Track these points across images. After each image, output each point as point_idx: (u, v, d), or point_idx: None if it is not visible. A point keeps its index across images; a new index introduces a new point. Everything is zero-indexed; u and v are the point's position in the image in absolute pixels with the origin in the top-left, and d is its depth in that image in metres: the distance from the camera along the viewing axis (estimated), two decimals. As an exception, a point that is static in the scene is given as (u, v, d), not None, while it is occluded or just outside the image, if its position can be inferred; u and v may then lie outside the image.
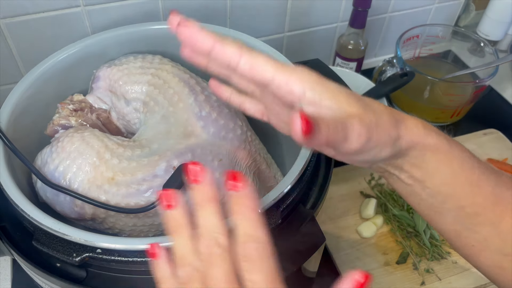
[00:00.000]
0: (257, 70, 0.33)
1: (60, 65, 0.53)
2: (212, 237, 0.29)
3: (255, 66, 0.33)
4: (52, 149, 0.46)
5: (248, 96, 0.40)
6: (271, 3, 0.77)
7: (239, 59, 0.33)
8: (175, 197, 0.31)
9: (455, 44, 0.95)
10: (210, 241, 0.29)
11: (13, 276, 0.64)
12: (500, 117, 0.93)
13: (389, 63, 0.84)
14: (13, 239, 0.42)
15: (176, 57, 0.58)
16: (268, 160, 0.55)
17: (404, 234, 0.70)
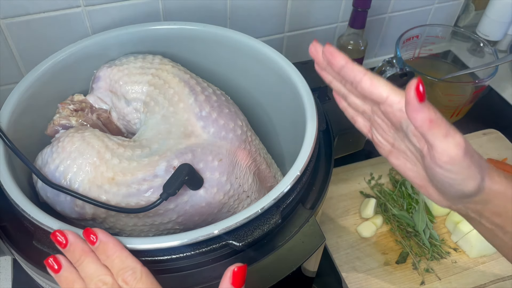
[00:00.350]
0: (376, 86, 0.38)
1: (60, 65, 0.53)
2: (97, 280, 0.35)
3: (375, 83, 0.38)
4: (52, 149, 0.46)
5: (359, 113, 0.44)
6: (271, 3, 0.77)
7: (363, 76, 0.39)
8: (58, 262, 0.37)
9: (454, 44, 0.95)
10: (97, 283, 0.35)
11: (14, 276, 0.64)
12: (499, 117, 0.93)
13: (389, 63, 0.84)
14: (14, 239, 0.42)
15: (177, 57, 0.58)
16: (268, 160, 0.55)
17: (404, 234, 0.71)
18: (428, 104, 0.34)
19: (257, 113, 0.61)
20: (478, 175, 0.37)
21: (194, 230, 0.38)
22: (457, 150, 0.35)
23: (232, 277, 0.34)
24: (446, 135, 0.35)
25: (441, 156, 0.36)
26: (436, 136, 0.35)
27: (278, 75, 0.54)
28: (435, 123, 0.34)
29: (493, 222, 0.41)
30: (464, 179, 0.37)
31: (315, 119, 0.47)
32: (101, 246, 0.36)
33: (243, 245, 0.39)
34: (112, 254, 0.36)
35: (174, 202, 0.45)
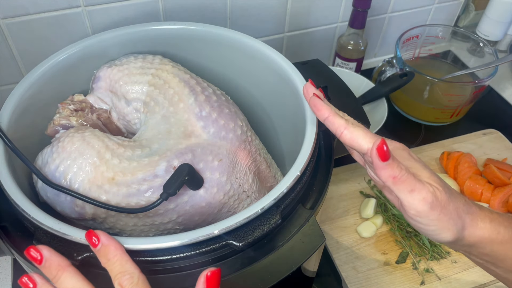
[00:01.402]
0: (355, 140, 0.40)
1: (60, 65, 0.53)
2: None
3: (354, 137, 0.40)
4: (52, 149, 0.46)
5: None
6: (271, 3, 0.77)
7: (344, 130, 0.40)
8: (32, 280, 0.35)
9: (454, 44, 0.95)
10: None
11: (14, 276, 0.64)
12: (499, 117, 0.93)
13: (389, 63, 0.84)
14: (14, 239, 0.42)
15: (177, 57, 0.58)
16: (268, 160, 0.55)
17: (404, 234, 0.71)
18: (392, 162, 0.37)
19: (257, 113, 0.61)
20: (453, 227, 0.39)
21: (194, 230, 0.38)
22: (422, 205, 0.38)
23: (206, 282, 0.34)
24: (411, 190, 0.38)
25: (408, 210, 0.39)
26: (401, 191, 0.38)
27: (278, 75, 0.54)
28: (399, 179, 0.37)
29: (483, 259, 0.43)
30: (436, 230, 0.39)
31: (315, 119, 0.47)
32: (102, 249, 0.36)
33: (243, 245, 0.39)
34: (112, 257, 0.36)
35: (174, 202, 0.45)
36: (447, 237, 0.39)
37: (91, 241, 0.36)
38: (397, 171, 0.37)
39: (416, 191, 0.38)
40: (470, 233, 0.40)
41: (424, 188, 0.38)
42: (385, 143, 0.37)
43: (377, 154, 0.37)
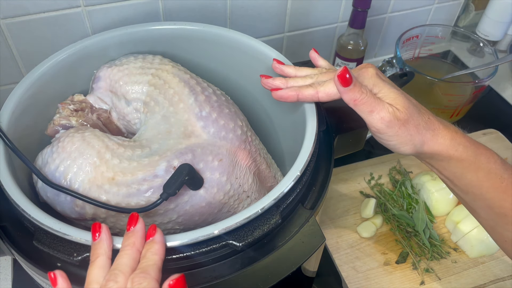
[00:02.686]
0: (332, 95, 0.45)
1: (60, 65, 0.53)
2: (113, 273, 0.34)
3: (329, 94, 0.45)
4: (52, 149, 0.46)
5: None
6: (271, 3, 0.77)
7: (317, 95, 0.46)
8: (101, 231, 0.37)
9: (454, 44, 0.95)
10: (111, 276, 0.34)
11: (14, 276, 0.64)
12: (499, 117, 0.93)
13: (389, 63, 0.84)
14: (14, 239, 0.42)
15: (177, 57, 0.58)
16: (268, 160, 0.55)
17: (404, 234, 0.71)
18: (353, 87, 0.42)
19: (257, 113, 0.61)
20: (411, 142, 0.44)
21: (194, 230, 0.38)
22: (380, 124, 0.43)
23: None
24: (370, 111, 0.43)
25: (370, 127, 0.45)
26: (362, 112, 0.44)
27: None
28: (359, 101, 0.43)
29: (443, 175, 0.48)
30: (396, 144, 0.45)
31: (315, 119, 0.47)
32: (150, 243, 0.37)
33: (243, 245, 0.39)
34: (150, 255, 0.36)
35: (174, 202, 0.45)
36: (406, 150, 0.45)
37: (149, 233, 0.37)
38: (358, 94, 0.43)
39: (375, 111, 0.43)
40: (429, 147, 0.45)
41: (383, 109, 0.43)
42: (347, 72, 0.42)
43: (338, 81, 0.42)
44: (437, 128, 0.45)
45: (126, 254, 0.36)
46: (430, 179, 0.74)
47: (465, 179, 0.46)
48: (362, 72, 0.46)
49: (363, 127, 0.53)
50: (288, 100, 0.47)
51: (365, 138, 0.56)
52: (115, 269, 0.35)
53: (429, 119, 0.45)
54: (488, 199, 0.46)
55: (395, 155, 0.82)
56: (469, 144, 0.45)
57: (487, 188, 0.45)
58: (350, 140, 0.53)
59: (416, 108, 0.45)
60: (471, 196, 0.47)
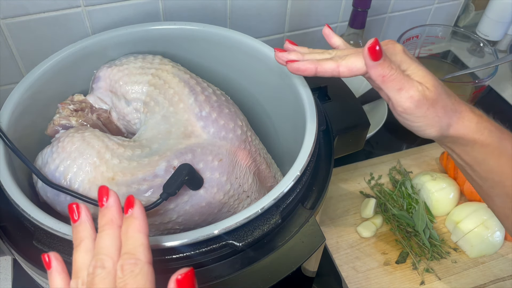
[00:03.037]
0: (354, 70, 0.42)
1: (60, 65, 0.53)
2: (99, 259, 0.31)
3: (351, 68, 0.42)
4: (52, 149, 0.46)
5: None
6: (271, 3, 0.77)
7: (338, 69, 0.42)
8: (80, 212, 0.33)
9: (454, 44, 0.95)
10: (97, 262, 0.31)
11: (14, 275, 0.64)
12: (499, 117, 0.92)
13: (389, 63, 0.84)
14: (14, 239, 0.42)
15: (177, 57, 0.58)
16: (268, 160, 0.55)
17: (404, 234, 0.71)
18: (383, 61, 0.39)
19: (257, 113, 0.61)
20: (438, 124, 0.42)
21: (194, 230, 0.38)
22: (409, 103, 0.40)
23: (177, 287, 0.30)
24: (399, 89, 0.40)
25: (396, 107, 0.42)
26: (390, 90, 0.41)
27: (278, 75, 0.54)
28: (388, 78, 0.40)
29: (463, 159, 0.46)
30: (421, 126, 0.42)
31: (315, 119, 0.47)
32: (129, 218, 0.33)
33: (243, 245, 0.39)
34: (132, 232, 0.32)
35: (174, 202, 0.45)
36: (432, 133, 0.43)
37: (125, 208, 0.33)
38: (387, 70, 0.40)
39: (404, 89, 0.40)
40: (455, 130, 0.43)
41: (412, 87, 0.40)
42: (378, 43, 0.39)
43: (368, 53, 0.39)
44: (463, 111, 0.43)
45: (107, 234, 0.32)
46: (430, 179, 0.74)
47: (487, 165, 0.44)
48: (388, 48, 0.43)
49: (363, 127, 0.53)
50: (305, 73, 0.43)
51: (365, 138, 0.56)
52: (99, 254, 0.31)
53: (456, 100, 0.43)
54: (507, 186, 0.44)
55: (395, 155, 0.82)
56: (494, 129, 0.44)
57: (508, 175, 0.44)
58: (350, 140, 0.53)
59: (444, 88, 0.43)
60: (490, 183, 0.45)
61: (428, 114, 0.41)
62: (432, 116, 0.41)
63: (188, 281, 0.30)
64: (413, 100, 0.40)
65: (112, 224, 0.33)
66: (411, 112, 0.41)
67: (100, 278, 0.30)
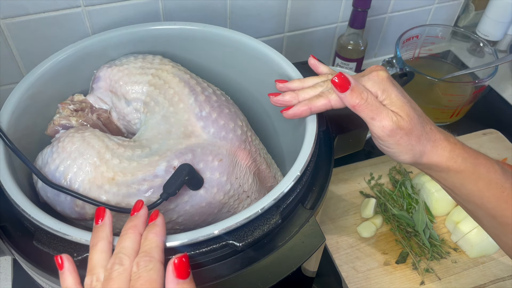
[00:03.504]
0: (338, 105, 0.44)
1: (60, 65, 0.53)
2: (118, 257, 0.34)
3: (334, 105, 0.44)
4: (52, 149, 0.46)
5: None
6: (271, 3, 0.77)
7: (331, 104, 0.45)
8: (105, 216, 0.37)
9: (454, 44, 0.95)
10: (116, 259, 0.34)
11: (14, 275, 0.64)
12: (499, 117, 0.93)
13: (389, 63, 0.84)
14: (14, 239, 0.42)
15: (177, 57, 0.58)
16: (268, 160, 0.55)
17: (404, 234, 0.71)
18: (351, 92, 0.42)
19: (257, 113, 0.61)
20: (411, 151, 0.44)
21: (194, 230, 0.38)
22: (381, 132, 0.42)
23: (175, 271, 0.33)
24: (372, 118, 0.42)
25: (371, 132, 0.44)
26: (365, 118, 0.43)
27: (278, 75, 0.54)
28: (359, 108, 0.42)
29: (444, 184, 0.48)
30: (395, 153, 0.44)
31: (315, 119, 0.47)
32: (152, 226, 0.37)
33: (243, 245, 0.39)
34: (152, 236, 0.36)
35: (174, 202, 0.45)
36: (405, 159, 0.45)
37: (151, 218, 0.37)
38: (356, 100, 0.42)
39: (377, 119, 0.42)
40: (428, 158, 0.44)
41: (386, 117, 0.42)
42: (342, 76, 0.42)
43: (333, 86, 0.42)
44: (438, 139, 0.45)
45: (129, 237, 0.36)
46: (430, 179, 0.74)
47: (465, 190, 0.45)
48: (372, 76, 0.44)
49: (363, 127, 0.53)
50: (301, 116, 0.46)
51: (365, 138, 0.56)
52: (119, 253, 0.35)
53: (431, 129, 0.45)
54: (490, 208, 0.45)
55: (395, 155, 0.82)
56: (468, 156, 0.45)
57: (488, 198, 0.45)
58: (350, 140, 0.53)
59: (420, 118, 0.44)
60: (472, 206, 0.47)
61: (402, 142, 0.43)
62: (405, 144, 0.43)
63: (184, 264, 0.34)
64: (385, 130, 0.42)
65: (135, 229, 0.36)
66: (385, 140, 0.43)
67: (117, 273, 0.33)
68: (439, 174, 0.46)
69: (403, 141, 0.43)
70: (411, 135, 0.43)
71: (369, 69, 0.46)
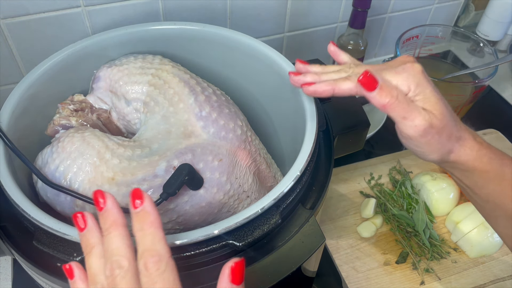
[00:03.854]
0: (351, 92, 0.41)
1: (60, 65, 0.53)
2: (113, 260, 0.31)
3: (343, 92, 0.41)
4: (52, 149, 0.46)
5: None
6: (271, 3, 0.77)
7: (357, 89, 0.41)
8: (86, 220, 0.34)
9: (454, 44, 0.95)
10: (112, 264, 0.31)
11: (14, 276, 0.64)
12: (499, 117, 0.93)
13: (389, 63, 0.84)
14: (14, 239, 0.42)
15: (177, 57, 0.58)
16: (268, 160, 0.55)
17: (404, 234, 0.71)
18: (380, 90, 0.39)
19: (257, 113, 0.61)
20: (440, 151, 0.42)
21: (194, 230, 0.38)
22: (413, 132, 0.40)
23: (231, 275, 0.31)
24: (403, 118, 0.40)
25: (400, 133, 0.42)
26: (395, 117, 0.41)
27: (278, 75, 0.54)
28: (389, 107, 0.40)
29: (463, 182, 0.46)
30: (424, 152, 0.43)
31: (315, 119, 0.47)
32: (141, 214, 0.32)
33: (243, 245, 0.39)
34: (148, 227, 0.32)
35: (174, 202, 0.45)
36: (433, 158, 0.43)
37: (133, 202, 0.32)
38: (386, 99, 0.39)
39: (409, 119, 0.40)
40: (455, 156, 0.43)
41: (418, 116, 0.40)
42: (368, 74, 0.39)
43: (360, 85, 0.40)
44: (466, 138, 0.43)
45: (114, 236, 0.32)
46: (430, 179, 0.74)
47: (487, 189, 0.45)
48: (407, 67, 0.41)
49: (363, 127, 0.53)
50: (322, 95, 0.42)
51: (365, 138, 0.56)
52: (112, 256, 0.31)
53: (461, 127, 0.44)
54: (509, 209, 0.44)
55: (395, 155, 0.82)
56: (494, 156, 0.44)
57: (510, 197, 0.44)
58: (350, 140, 0.53)
59: (452, 116, 0.43)
60: (491, 205, 0.46)
61: (432, 141, 0.41)
62: (435, 143, 0.42)
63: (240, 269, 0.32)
64: (418, 129, 0.40)
65: (116, 225, 0.32)
66: (416, 139, 0.41)
67: (120, 277, 0.30)
68: (463, 172, 0.45)
69: (434, 140, 0.41)
70: (442, 133, 0.41)
71: (400, 59, 0.43)
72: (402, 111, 0.40)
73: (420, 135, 0.40)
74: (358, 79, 0.39)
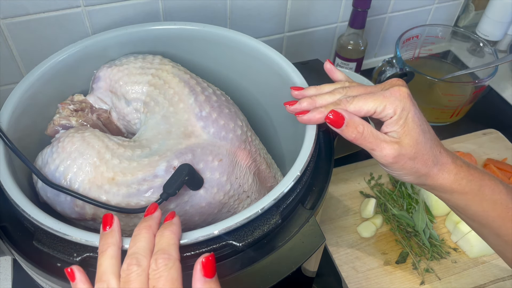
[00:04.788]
0: (362, 113, 0.43)
1: (60, 65, 0.53)
2: (134, 257, 0.34)
3: (360, 111, 0.43)
4: (52, 149, 0.46)
5: None
6: (271, 3, 0.77)
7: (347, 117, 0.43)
8: (113, 222, 0.37)
9: (454, 44, 0.95)
10: (132, 260, 0.34)
11: (14, 276, 0.64)
12: (499, 117, 0.93)
13: (389, 63, 0.84)
14: (14, 239, 0.42)
15: (177, 57, 0.58)
16: (268, 160, 0.55)
17: (404, 234, 0.71)
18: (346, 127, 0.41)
19: (257, 113, 0.61)
20: (415, 175, 0.44)
21: (194, 230, 0.38)
22: (384, 161, 0.43)
23: (203, 269, 0.34)
24: (372, 149, 0.42)
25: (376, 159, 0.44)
26: (365, 148, 0.43)
27: (278, 75, 0.54)
28: (356, 142, 0.42)
29: (449, 204, 0.48)
30: (399, 175, 0.45)
31: (315, 119, 0.47)
32: (168, 224, 0.37)
33: (243, 245, 0.39)
34: (167, 234, 0.36)
35: (174, 202, 0.45)
36: (408, 180, 0.45)
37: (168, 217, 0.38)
38: (353, 135, 0.42)
39: (377, 150, 0.42)
40: (432, 180, 0.44)
41: (386, 147, 0.42)
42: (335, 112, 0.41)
43: (328, 122, 0.42)
44: (445, 163, 0.44)
45: (144, 237, 0.36)
46: (430, 179, 0.74)
47: (470, 210, 0.45)
48: (394, 91, 0.43)
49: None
50: (316, 123, 0.45)
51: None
52: (135, 253, 0.34)
53: (440, 152, 0.44)
54: (495, 227, 0.45)
55: (395, 155, 0.82)
56: (473, 178, 0.45)
57: (493, 217, 0.45)
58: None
59: (430, 142, 0.43)
60: (477, 224, 0.47)
61: (406, 166, 0.43)
62: (409, 168, 0.43)
63: (211, 263, 0.34)
64: (387, 159, 0.42)
65: (149, 229, 0.36)
66: (388, 166, 0.43)
67: (136, 274, 0.33)
68: (443, 195, 0.46)
69: (408, 165, 0.43)
70: (415, 159, 0.43)
71: (390, 82, 0.45)
72: (369, 144, 0.42)
73: (391, 162, 0.42)
74: (326, 116, 0.42)
